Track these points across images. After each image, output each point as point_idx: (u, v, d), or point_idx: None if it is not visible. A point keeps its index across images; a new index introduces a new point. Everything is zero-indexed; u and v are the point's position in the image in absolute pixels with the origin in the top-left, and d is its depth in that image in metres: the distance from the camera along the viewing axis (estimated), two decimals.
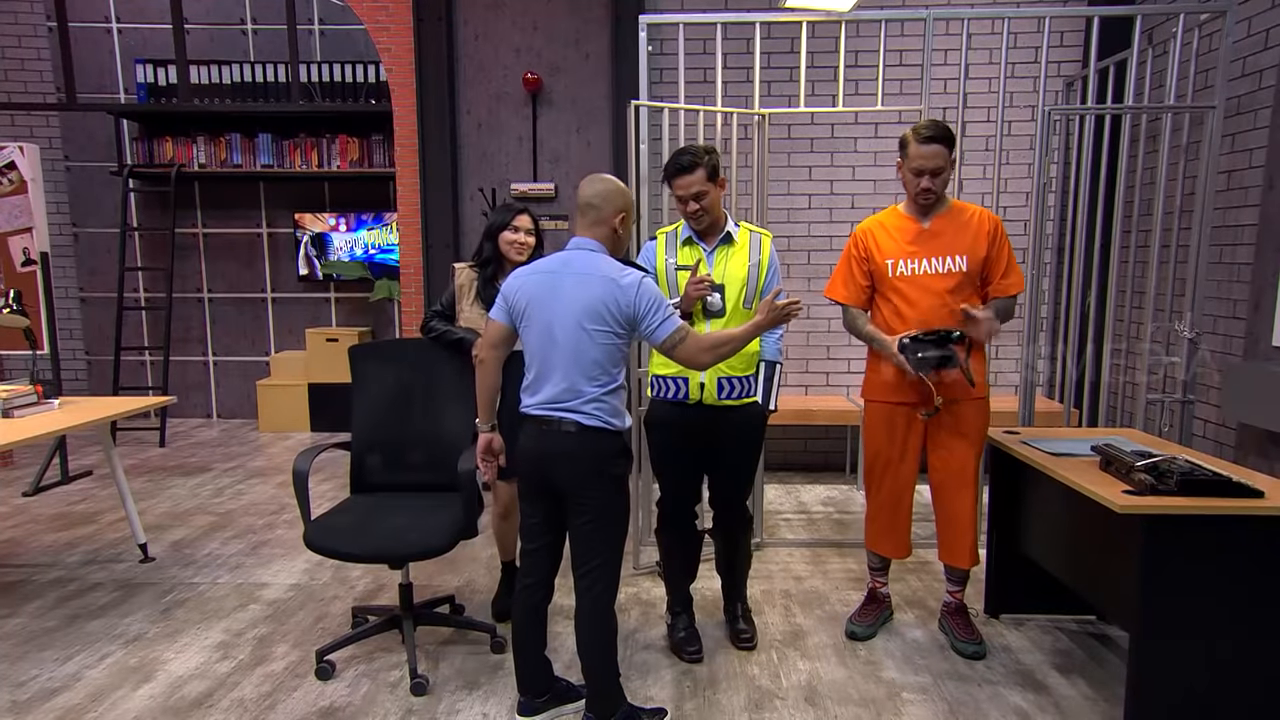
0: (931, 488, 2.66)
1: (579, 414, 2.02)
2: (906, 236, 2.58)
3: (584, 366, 2.02)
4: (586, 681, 2.13)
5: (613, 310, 2.00)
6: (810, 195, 4.73)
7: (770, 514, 4.07)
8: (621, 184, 2.12)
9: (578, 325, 2.01)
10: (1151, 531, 2.00)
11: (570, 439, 2.03)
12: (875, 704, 2.35)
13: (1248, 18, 3.50)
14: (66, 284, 6.18)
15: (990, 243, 2.51)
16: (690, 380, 2.51)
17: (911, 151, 2.47)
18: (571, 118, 4.76)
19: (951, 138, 2.47)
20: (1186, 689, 2.05)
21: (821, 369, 4.85)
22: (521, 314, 2.09)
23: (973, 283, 2.54)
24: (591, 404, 2.02)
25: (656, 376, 2.59)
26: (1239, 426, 3.41)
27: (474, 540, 3.58)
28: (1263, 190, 3.32)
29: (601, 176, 2.12)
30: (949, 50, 4.51)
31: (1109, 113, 3.88)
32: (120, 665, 2.56)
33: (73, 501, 4.24)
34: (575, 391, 2.02)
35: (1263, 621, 2.02)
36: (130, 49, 5.88)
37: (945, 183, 2.51)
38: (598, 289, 2.00)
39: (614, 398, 2.06)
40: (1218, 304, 3.63)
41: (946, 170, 2.48)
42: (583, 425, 2.02)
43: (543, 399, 2.06)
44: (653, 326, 2.02)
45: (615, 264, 2.05)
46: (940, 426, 2.58)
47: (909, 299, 2.55)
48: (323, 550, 2.34)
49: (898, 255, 2.57)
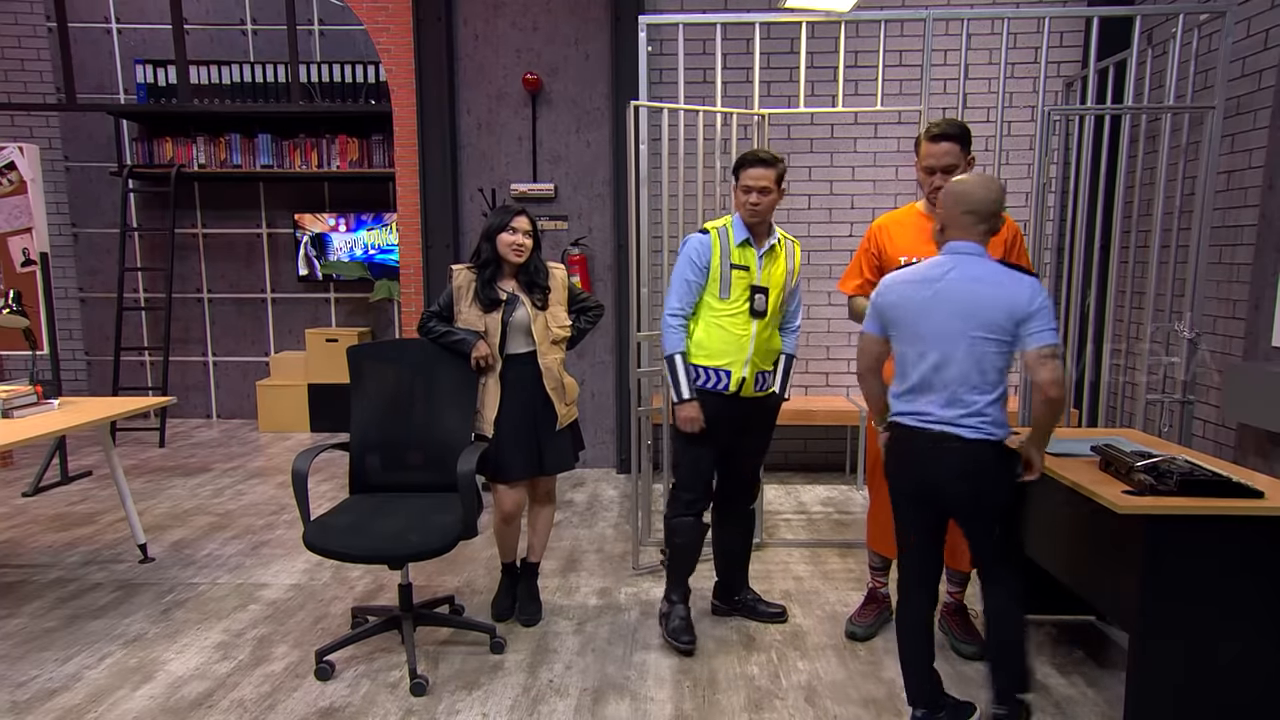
0: None
1: (962, 427, 1.96)
2: (923, 234, 2.56)
3: (969, 376, 1.96)
4: (1000, 678, 2.05)
5: (1007, 314, 1.92)
6: (810, 196, 4.73)
7: (770, 514, 4.07)
8: (994, 179, 2.05)
9: (964, 333, 1.95)
10: (1151, 531, 2.00)
11: (955, 454, 1.96)
12: (875, 704, 2.35)
13: (1247, 18, 3.50)
14: (66, 284, 6.18)
15: (1008, 247, 2.48)
16: (734, 373, 2.63)
17: (923, 150, 2.49)
18: (571, 118, 4.76)
19: (966, 135, 2.45)
20: (1186, 689, 2.05)
21: (821, 369, 4.85)
22: (897, 323, 2.04)
23: None
24: (975, 417, 1.96)
25: (698, 366, 2.66)
26: (1239, 427, 3.41)
27: (474, 541, 3.58)
28: (1262, 191, 3.32)
29: (983, 177, 2.03)
30: (949, 50, 4.51)
31: (1109, 113, 3.88)
32: (120, 666, 2.56)
33: (72, 502, 4.24)
34: (961, 403, 1.96)
35: (1263, 621, 2.01)
36: (130, 49, 5.88)
37: None
38: (989, 293, 1.93)
39: (998, 408, 1.99)
40: (1217, 304, 3.63)
41: (961, 168, 2.46)
42: (966, 439, 1.96)
43: (922, 411, 2.01)
44: (1034, 331, 1.92)
45: (1004, 267, 1.98)
46: None
47: None
48: (322, 551, 2.34)
49: (910, 252, 2.56)
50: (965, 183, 2.02)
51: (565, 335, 2.75)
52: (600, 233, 4.83)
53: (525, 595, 2.91)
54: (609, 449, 4.96)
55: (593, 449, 4.87)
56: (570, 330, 2.76)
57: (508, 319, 2.67)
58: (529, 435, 2.71)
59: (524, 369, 2.70)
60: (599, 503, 4.30)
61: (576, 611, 2.96)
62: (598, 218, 4.83)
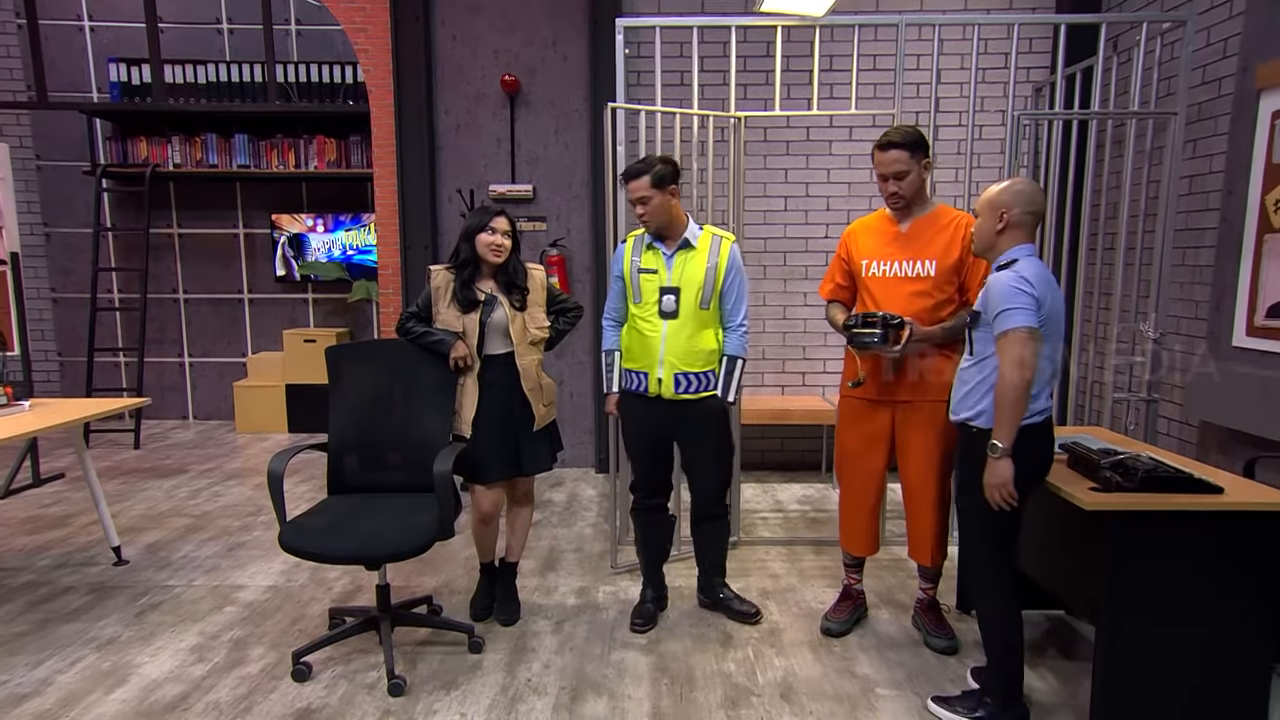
0: (901, 486, 2.70)
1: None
2: (885, 239, 2.63)
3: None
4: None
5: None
6: (786, 197, 4.78)
7: (747, 513, 4.11)
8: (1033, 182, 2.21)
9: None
10: (1116, 527, 2.05)
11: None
12: (850, 700, 2.39)
13: (1207, 27, 3.59)
14: (38, 284, 6.09)
15: (965, 248, 2.52)
16: (650, 375, 2.71)
17: (875, 159, 2.57)
18: (549, 120, 4.77)
19: (914, 142, 2.50)
20: (1151, 681, 2.11)
21: (798, 369, 4.91)
22: (1054, 320, 2.11)
23: (943, 288, 2.55)
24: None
25: (625, 370, 2.80)
26: (1200, 424, 3.50)
27: (452, 541, 3.58)
28: (1223, 195, 3.41)
29: (1026, 180, 2.17)
30: (921, 56, 4.58)
31: (1076, 118, 3.97)
32: (93, 670, 2.54)
33: (45, 505, 4.19)
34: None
35: (1223, 613, 2.07)
36: (103, 47, 5.80)
37: (913, 185, 2.54)
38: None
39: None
40: (1181, 305, 3.72)
41: (913, 174, 2.52)
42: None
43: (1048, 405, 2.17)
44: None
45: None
46: (907, 425, 2.63)
47: (877, 299, 2.60)
48: (297, 552, 2.34)
49: (873, 256, 2.63)
50: (1023, 183, 2.15)
51: (543, 336, 2.76)
52: (579, 234, 4.85)
53: (503, 595, 2.92)
54: (588, 449, 4.98)
55: (571, 449, 4.88)
56: (549, 331, 2.78)
57: (486, 320, 2.68)
58: (507, 436, 2.72)
59: (502, 370, 2.71)
60: (578, 502, 4.31)
61: (555, 611, 2.98)
62: (576, 219, 4.84)
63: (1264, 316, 3.12)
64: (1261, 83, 3.13)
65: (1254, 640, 2.08)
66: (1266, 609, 2.07)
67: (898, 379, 2.60)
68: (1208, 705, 2.11)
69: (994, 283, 2.09)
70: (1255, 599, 2.06)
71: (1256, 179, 3.17)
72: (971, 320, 2.21)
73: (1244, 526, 2.04)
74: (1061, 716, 2.30)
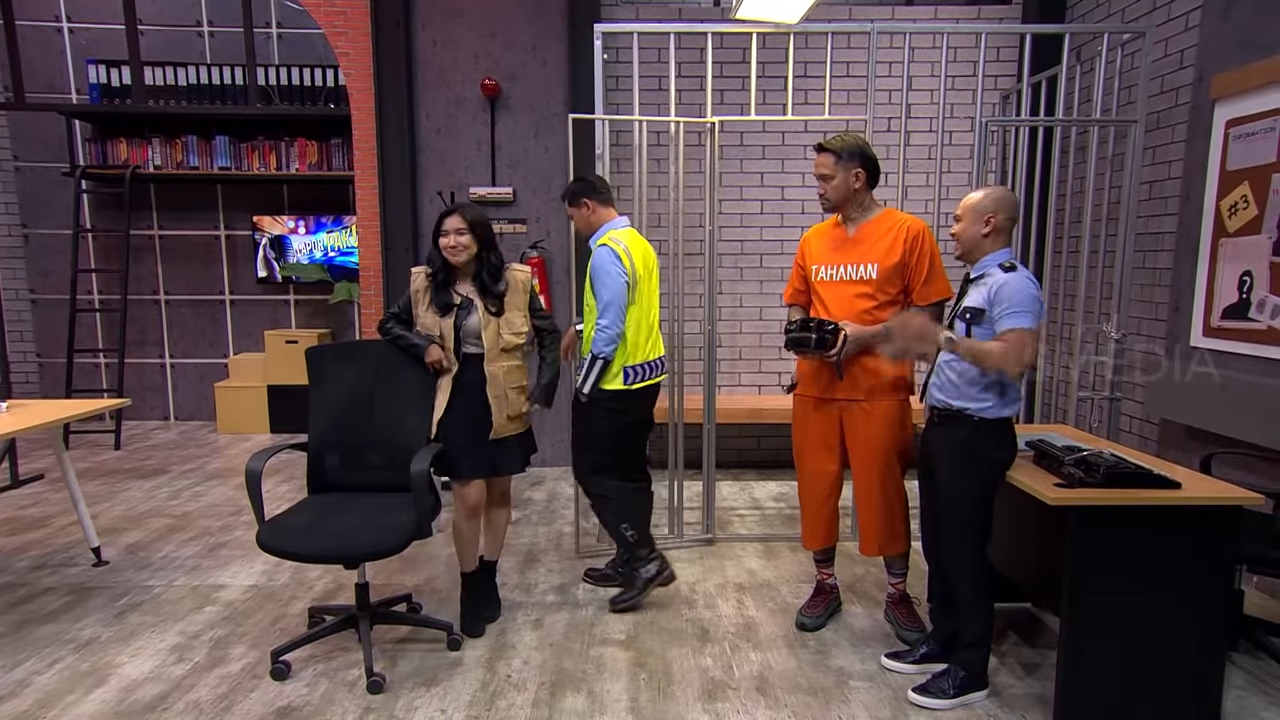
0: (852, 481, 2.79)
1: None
2: (833, 244, 2.72)
3: None
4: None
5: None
6: (762, 201, 4.85)
7: (724, 510, 4.17)
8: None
9: None
10: (1079, 522, 2.11)
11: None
12: (824, 692, 2.45)
13: (1165, 39, 3.70)
14: (17, 285, 6.05)
15: (909, 250, 2.58)
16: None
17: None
18: (529, 124, 4.82)
19: (846, 151, 2.59)
20: (1112, 671, 2.17)
21: (773, 369, 4.98)
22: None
23: (885, 290, 2.62)
24: None
25: (643, 363, 3.02)
26: (1161, 422, 3.61)
27: (433, 539, 3.62)
28: (1180, 200, 3.52)
29: (1000, 188, 2.34)
30: (893, 63, 4.67)
31: (1041, 125, 4.07)
32: (71, 670, 2.55)
33: (23, 506, 4.18)
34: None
35: (1182, 604, 2.14)
36: (82, 49, 5.78)
37: (838, 191, 2.63)
38: None
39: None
40: (1142, 306, 3.83)
41: (837, 179, 2.61)
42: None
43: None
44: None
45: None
46: (854, 423, 2.70)
47: (826, 303, 2.69)
48: (275, 551, 2.36)
49: (821, 261, 2.72)
50: (1003, 191, 2.31)
51: (519, 343, 2.75)
52: (559, 236, 4.90)
53: (483, 592, 2.93)
54: (568, 447, 5.01)
55: (551, 447, 4.93)
56: (524, 337, 2.77)
57: (460, 323, 2.69)
58: (480, 437, 2.72)
59: (478, 370, 2.71)
60: (558, 500, 4.36)
61: (534, 607, 3.02)
62: (555, 221, 4.90)
63: (1220, 318, 3.23)
64: (1216, 92, 3.24)
65: (1210, 628, 2.15)
66: (1221, 598, 2.15)
67: (845, 379, 2.65)
68: (1167, 691, 2.18)
69: (1011, 282, 2.21)
70: (1211, 589, 2.13)
71: (1212, 185, 3.28)
72: (972, 317, 2.28)
73: (1200, 519, 2.11)
74: (1028, 705, 2.37)
